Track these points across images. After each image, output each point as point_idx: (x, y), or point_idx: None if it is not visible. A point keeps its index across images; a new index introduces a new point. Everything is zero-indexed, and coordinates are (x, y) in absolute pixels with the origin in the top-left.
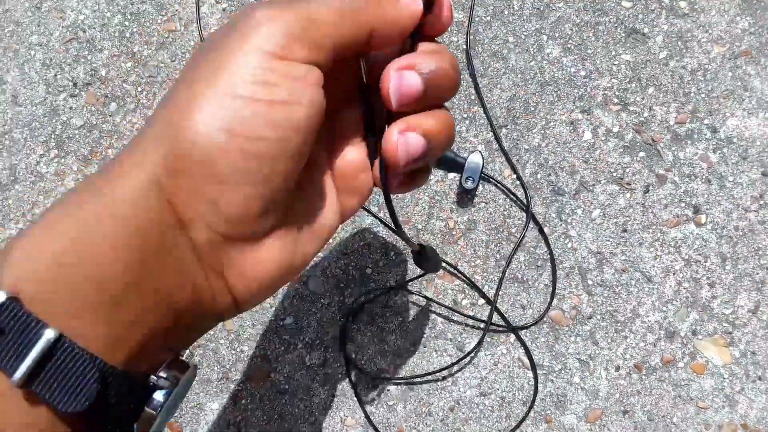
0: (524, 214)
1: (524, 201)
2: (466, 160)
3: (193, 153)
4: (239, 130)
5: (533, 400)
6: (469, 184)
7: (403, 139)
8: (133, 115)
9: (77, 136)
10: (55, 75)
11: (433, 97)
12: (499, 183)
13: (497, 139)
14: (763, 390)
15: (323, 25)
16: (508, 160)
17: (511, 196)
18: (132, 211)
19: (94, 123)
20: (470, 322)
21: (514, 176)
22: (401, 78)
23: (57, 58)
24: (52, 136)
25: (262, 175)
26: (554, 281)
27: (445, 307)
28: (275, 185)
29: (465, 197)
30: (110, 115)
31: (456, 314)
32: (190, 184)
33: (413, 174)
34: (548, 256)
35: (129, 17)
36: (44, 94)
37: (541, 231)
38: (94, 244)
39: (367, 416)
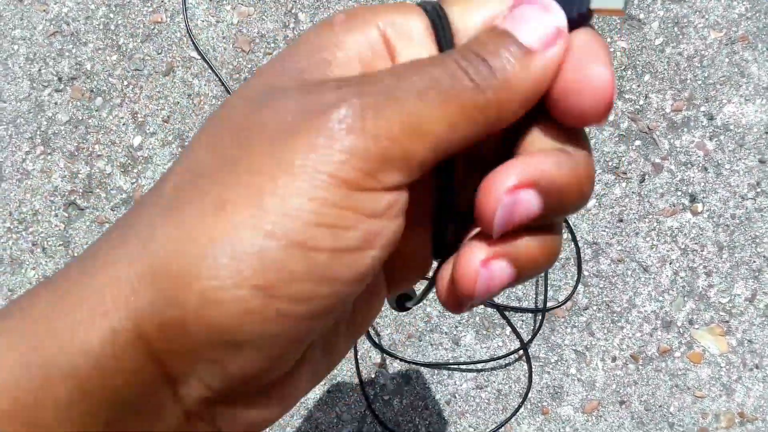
0: None
1: None
2: None
3: (202, 315)
4: (280, 290)
5: (527, 392)
6: None
7: (486, 272)
8: (119, 109)
9: (63, 132)
10: (40, 70)
11: (548, 219)
12: None
13: None
14: (760, 378)
15: (427, 134)
16: None
17: None
18: (94, 363)
19: (80, 118)
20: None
21: None
22: (514, 203)
23: (41, 52)
24: (38, 132)
25: (298, 335)
26: (579, 260)
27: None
28: (312, 338)
29: None
30: (96, 110)
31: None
32: (190, 345)
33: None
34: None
35: (114, 9)
36: (28, 90)
37: None
38: (34, 411)
39: (369, 407)
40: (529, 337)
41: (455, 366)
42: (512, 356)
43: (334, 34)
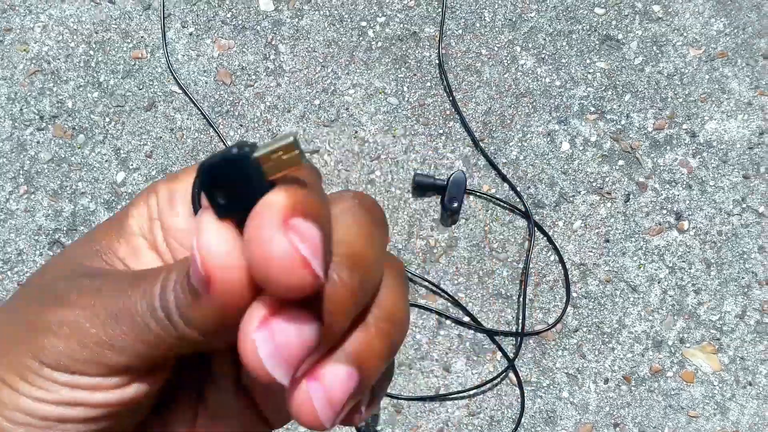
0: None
1: (521, 209)
2: (447, 181)
3: None
4: None
5: (520, 417)
6: (455, 205)
7: (320, 388)
8: (102, 146)
9: (46, 171)
10: (21, 109)
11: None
12: (492, 197)
13: (484, 154)
14: (754, 395)
15: (85, 335)
16: (500, 173)
17: (504, 206)
18: None
19: (63, 156)
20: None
21: (494, 190)
22: (265, 341)
23: (22, 91)
24: (21, 171)
25: None
26: (567, 282)
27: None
28: None
29: (446, 216)
30: (79, 147)
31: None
32: None
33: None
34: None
35: (94, 46)
36: (10, 129)
37: (547, 237)
38: None
39: None
40: (519, 362)
41: (443, 396)
42: (505, 380)
43: (131, 204)
